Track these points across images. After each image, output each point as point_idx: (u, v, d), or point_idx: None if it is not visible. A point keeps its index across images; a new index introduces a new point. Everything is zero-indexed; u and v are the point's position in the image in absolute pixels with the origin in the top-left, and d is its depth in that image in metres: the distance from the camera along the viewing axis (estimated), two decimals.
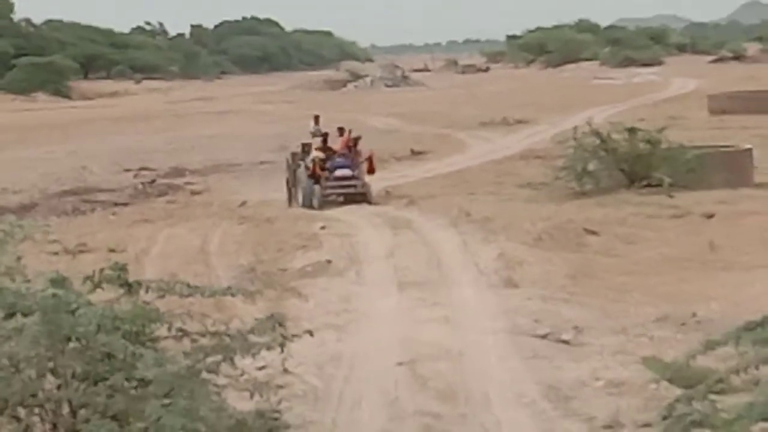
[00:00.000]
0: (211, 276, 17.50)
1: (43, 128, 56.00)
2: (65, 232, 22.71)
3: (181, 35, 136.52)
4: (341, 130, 28.83)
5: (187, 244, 22.09)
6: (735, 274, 17.54)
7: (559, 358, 13.01)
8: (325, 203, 26.52)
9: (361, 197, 26.94)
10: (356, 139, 28.63)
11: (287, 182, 29.32)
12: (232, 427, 9.56)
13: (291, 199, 28.55)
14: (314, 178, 26.85)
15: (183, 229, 24.12)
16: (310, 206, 26.51)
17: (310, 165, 27.12)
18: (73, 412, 9.52)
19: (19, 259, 10.27)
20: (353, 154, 27.99)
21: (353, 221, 24.30)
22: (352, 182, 27.26)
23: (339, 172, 27.19)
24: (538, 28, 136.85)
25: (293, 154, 29.03)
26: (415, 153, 39.24)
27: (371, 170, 27.98)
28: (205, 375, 9.76)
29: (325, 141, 28.04)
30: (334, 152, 27.74)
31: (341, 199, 27.06)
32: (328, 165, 27.18)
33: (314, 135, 29.11)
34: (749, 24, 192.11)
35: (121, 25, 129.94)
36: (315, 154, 27.33)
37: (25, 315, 9.58)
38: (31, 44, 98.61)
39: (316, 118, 30.89)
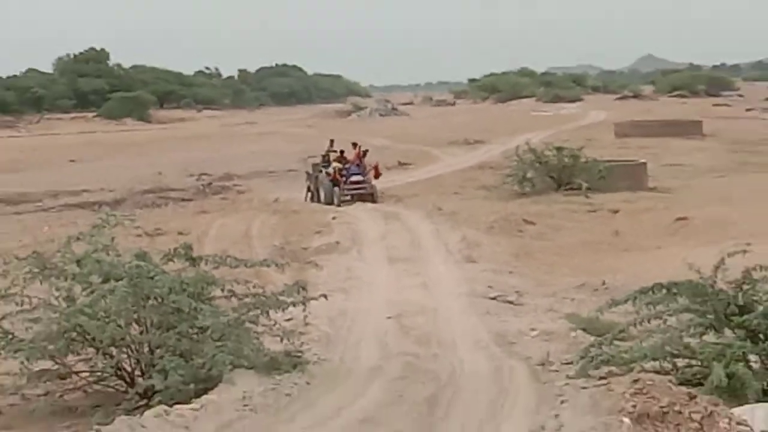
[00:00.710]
0: (252, 253, 17.50)
1: (130, 145, 55.10)
2: (146, 220, 22.93)
3: (231, 77, 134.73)
4: (354, 145, 28.75)
5: (235, 230, 22.22)
6: (634, 254, 17.90)
7: (505, 314, 13.23)
8: (342, 201, 26.41)
9: (370, 197, 26.87)
10: (365, 152, 28.60)
11: (308, 185, 29.26)
12: (267, 362, 9.89)
13: (311, 197, 28.53)
14: (334, 182, 26.96)
15: (231, 219, 24.20)
16: (331, 203, 26.57)
17: (331, 172, 27.25)
18: (151, 351, 9.83)
19: (112, 239, 10.49)
20: (363, 163, 27.93)
21: (356, 213, 24.27)
22: (363, 185, 27.22)
23: (353, 178, 27.20)
24: (492, 74, 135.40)
25: (314, 165, 29.14)
26: (401, 164, 38.58)
27: (377, 175, 28.08)
28: (247, 324, 10.27)
29: (342, 154, 27.88)
30: (349, 162, 27.65)
31: (354, 198, 26.85)
32: (344, 172, 27.18)
33: (327, 152, 28.81)
34: (645, 72, 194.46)
35: (188, 69, 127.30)
36: (335, 164, 27.41)
37: (116, 280, 9.72)
38: (122, 83, 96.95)
39: (332, 142, 30.39)
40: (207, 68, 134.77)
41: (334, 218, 23.49)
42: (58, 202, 30.55)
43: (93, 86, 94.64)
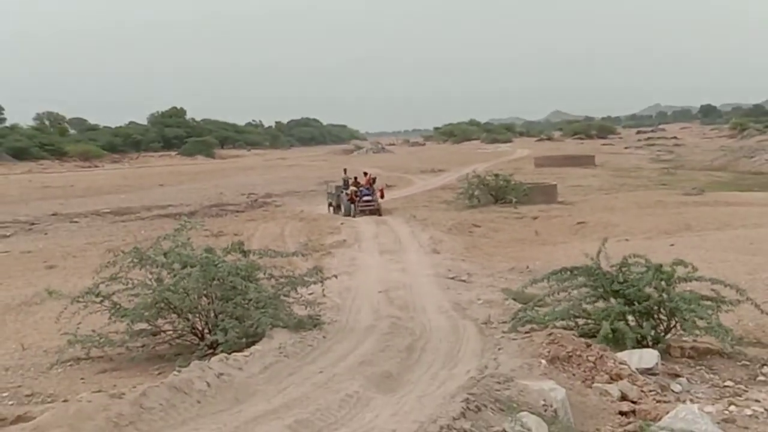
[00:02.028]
0: (285, 247, 17.36)
1: (200, 174, 55.05)
2: (211, 225, 22.87)
3: (270, 126, 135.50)
4: (366, 174, 28.42)
5: (273, 231, 22.17)
6: (548, 247, 17.91)
7: (459, 289, 13.26)
8: (359, 213, 25.94)
9: (376, 212, 26.32)
10: (374, 179, 28.19)
11: (329, 202, 28.79)
12: (295, 323, 9.89)
13: (333, 210, 27.94)
14: (351, 200, 26.54)
15: (270, 224, 24.16)
16: (349, 215, 26.00)
17: (349, 193, 26.86)
18: (215, 316, 9.77)
19: (188, 238, 10.45)
20: (372, 187, 27.49)
21: (357, 221, 24.22)
22: (372, 203, 26.65)
23: (365, 198, 26.72)
24: (449, 124, 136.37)
25: (336, 187, 28.55)
26: (387, 186, 38.42)
27: (382, 196, 27.67)
28: (282, 297, 10.31)
29: (356, 180, 27.53)
30: (362, 186, 27.27)
31: (365, 212, 26.22)
32: (358, 193, 26.80)
33: (345, 179, 28.33)
34: (555, 121, 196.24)
35: (240, 120, 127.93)
36: (352, 188, 27.07)
37: (191, 267, 9.72)
38: (195, 131, 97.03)
39: (345, 170, 30.13)
40: (253, 120, 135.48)
41: (342, 224, 23.59)
42: (151, 213, 30.55)
43: (175, 133, 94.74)
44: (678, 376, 8.38)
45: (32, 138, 76.70)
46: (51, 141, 77.55)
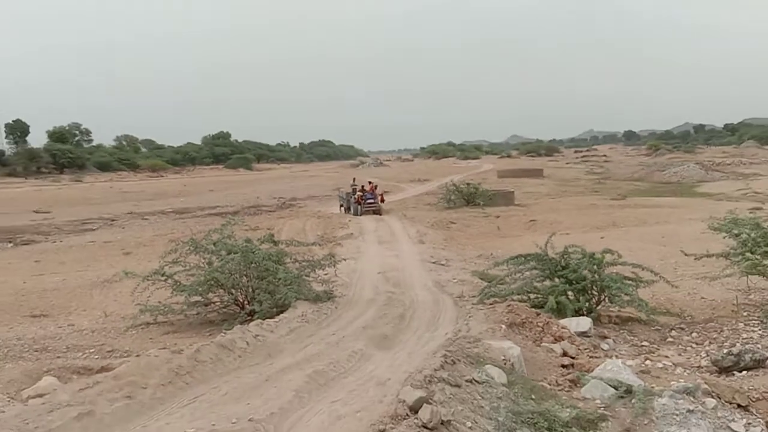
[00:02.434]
0: (306, 238, 17.08)
1: (241, 182, 54.94)
2: (250, 222, 22.47)
3: (295, 146, 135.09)
4: (370, 183, 27.73)
5: (297, 227, 21.86)
6: (507, 239, 17.75)
7: (440, 271, 13.12)
8: (363, 213, 25.33)
9: (378, 212, 25.63)
10: (376, 186, 27.49)
11: (341, 204, 28.17)
12: (314, 297, 9.79)
13: (344, 210, 27.22)
14: (358, 203, 25.97)
15: (295, 221, 23.79)
16: (356, 214, 25.43)
17: (357, 197, 26.29)
18: (253, 291, 9.68)
19: (232, 232, 10.41)
20: (375, 193, 26.79)
21: (362, 219, 23.93)
22: (375, 205, 25.93)
23: (369, 201, 26.04)
24: (432, 144, 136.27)
25: (347, 193, 27.88)
26: (384, 192, 38.23)
27: (382, 200, 27.01)
28: (303, 277, 10.16)
29: (363, 188, 26.88)
30: (366, 191, 26.60)
31: (367, 212, 25.52)
32: (363, 198, 26.19)
33: (353, 186, 27.75)
34: (513, 143, 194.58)
35: (272, 141, 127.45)
36: (359, 193, 26.49)
37: (234, 253, 9.66)
38: (237, 149, 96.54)
39: (354, 179, 29.87)
40: (282, 141, 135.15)
41: (349, 221, 23.36)
42: (203, 212, 30.48)
43: (222, 151, 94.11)
44: (606, 337, 8.39)
45: (113, 154, 76.61)
46: (127, 157, 77.43)
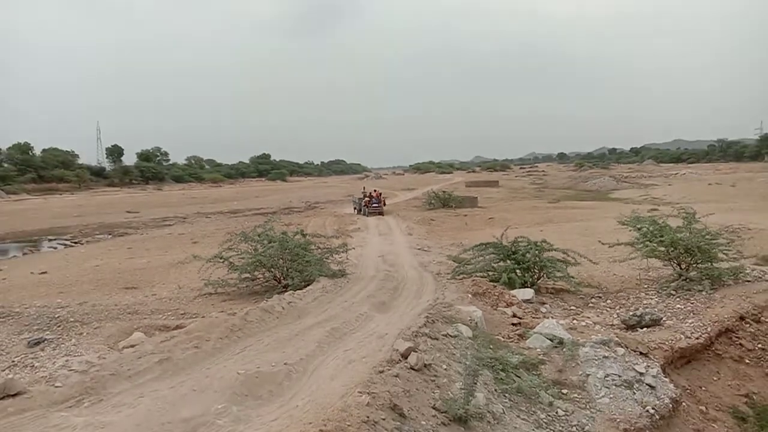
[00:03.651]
0: (326, 232, 16.61)
1: (278, 190, 54.43)
2: (285, 220, 21.73)
3: (318, 164, 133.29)
4: (375, 191, 26.75)
5: (319, 223, 21.39)
6: (473, 232, 17.39)
7: (423, 255, 12.89)
8: (369, 214, 24.19)
9: (381, 213, 24.41)
10: (380, 193, 26.42)
11: (354, 207, 27.08)
12: (332, 274, 9.60)
13: (357, 212, 26.02)
14: (366, 206, 24.83)
15: (317, 219, 23.34)
16: (365, 215, 24.32)
17: (365, 202, 25.13)
18: (287, 270, 9.50)
19: (272, 227, 10.25)
20: (380, 199, 25.41)
21: (367, 218, 23.56)
22: (379, 208, 24.70)
23: (374, 205, 24.81)
24: (418, 162, 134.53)
25: (359, 198, 26.65)
26: (385, 198, 37.66)
27: (385, 204, 25.72)
28: (324, 260, 9.96)
29: (370, 194, 25.73)
30: (373, 197, 25.34)
31: (373, 213, 24.33)
32: (370, 202, 24.98)
33: (363, 193, 26.70)
34: (477, 162, 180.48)
35: (301, 160, 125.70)
36: (365, 198, 25.38)
37: (274, 242, 9.54)
38: (275, 166, 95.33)
39: (364, 188, 29.16)
40: (309, 161, 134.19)
41: (358, 219, 23.10)
42: (251, 212, 30.27)
43: (264, 168, 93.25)
44: (544, 304, 8.35)
45: (184, 170, 76.29)
46: (195, 172, 77.16)
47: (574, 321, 7.54)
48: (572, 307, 8.31)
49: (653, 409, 5.26)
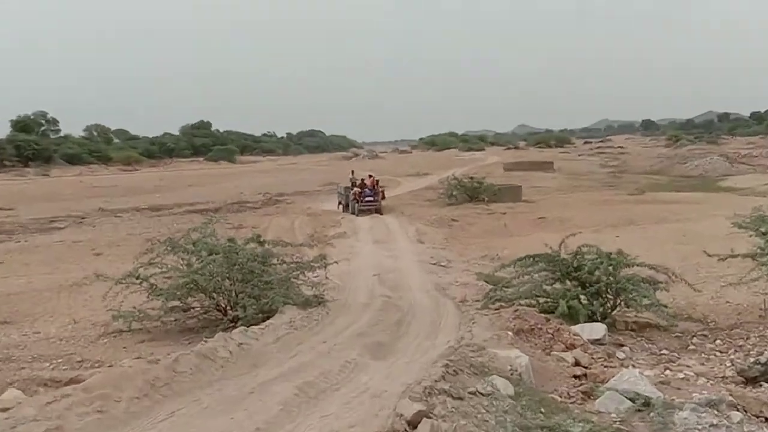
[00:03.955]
0: (295, 238, 16.98)
1: (223, 176, 54.66)
2: (233, 220, 22.09)
3: (282, 137, 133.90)
4: (371, 176, 27.03)
5: (284, 225, 21.86)
6: (514, 238, 17.76)
7: (440, 273, 13.21)
8: (360, 213, 24.56)
9: (377, 211, 24.83)
10: (377, 181, 26.80)
11: (339, 200, 27.36)
12: (303, 301, 9.80)
13: (342, 208, 26.32)
14: (356, 200, 25.18)
15: (283, 219, 23.79)
16: (354, 214, 24.59)
17: (353, 193, 25.46)
18: (236, 295, 9.69)
19: (213, 230, 10.43)
20: (376, 189, 25.90)
21: (357, 217, 23.90)
22: (374, 203, 25.11)
23: (367, 198, 25.21)
24: (432, 135, 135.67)
25: (345, 188, 26.91)
26: (383, 188, 37.93)
27: (383, 198, 26.15)
28: (292, 279, 10.22)
29: (362, 182, 26.06)
30: (367, 187, 25.70)
31: (366, 211, 24.67)
32: (362, 195, 25.37)
33: (352, 180, 26.72)
34: (521, 133, 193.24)
35: (257, 132, 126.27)
36: (355, 189, 25.66)
37: (216, 254, 9.68)
38: (219, 140, 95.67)
39: (352, 172, 29.45)
40: (268, 132, 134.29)
41: (342, 218, 23.38)
42: (182, 209, 30.29)
43: (202, 142, 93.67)
44: (622, 345, 8.40)
45: (82, 146, 76.18)
46: (98, 148, 76.99)
47: (667, 371, 7.57)
48: (663, 351, 8.34)
49: None
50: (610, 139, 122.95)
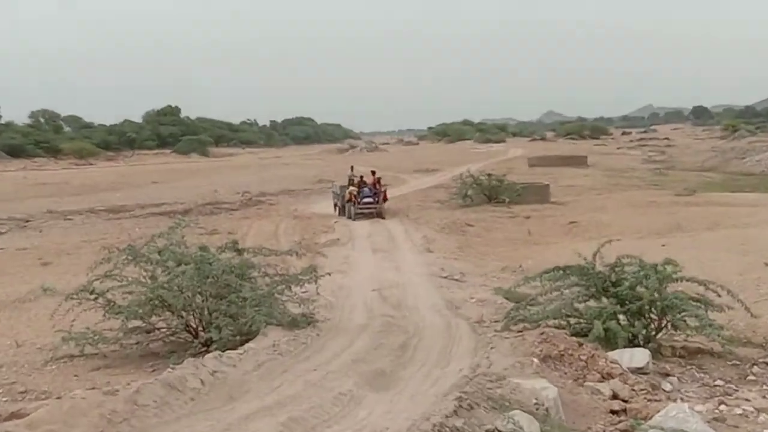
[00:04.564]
0: (279, 246, 17.09)
1: (195, 172, 54.62)
2: (206, 223, 22.52)
3: (265, 125, 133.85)
4: (373, 173, 26.74)
5: (267, 230, 21.97)
6: (540, 247, 17.86)
7: (453, 288, 13.22)
8: (358, 217, 24.39)
9: (378, 215, 24.71)
10: (379, 179, 26.50)
11: (334, 202, 27.21)
12: (289, 321, 9.84)
13: (339, 211, 26.27)
14: (353, 202, 24.98)
15: (265, 222, 23.95)
16: (350, 218, 24.54)
17: (348, 194, 25.32)
18: (210, 314, 9.70)
19: (182, 236, 10.47)
20: (378, 188, 25.76)
21: (354, 222, 23.98)
22: (373, 206, 24.95)
23: (365, 200, 25.10)
24: (443, 124, 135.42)
25: (341, 187, 26.77)
26: (384, 187, 37.99)
27: (385, 199, 25.91)
28: (276, 295, 10.25)
29: (360, 180, 25.86)
30: (367, 186, 25.54)
31: (365, 214, 24.58)
32: (359, 194, 25.17)
33: (352, 178, 26.52)
34: (548, 122, 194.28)
35: (235, 119, 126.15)
36: (351, 188, 25.52)
37: (186, 264, 9.69)
38: (189, 129, 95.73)
39: (352, 168, 29.27)
40: (248, 119, 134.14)
41: (335, 223, 23.48)
42: (145, 211, 30.35)
43: (169, 131, 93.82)
44: (669, 375, 8.40)
45: (27, 135, 76.31)
46: (46, 138, 77.17)
47: (723, 406, 7.55)
48: (718, 382, 8.33)
49: None
50: (654, 130, 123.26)
